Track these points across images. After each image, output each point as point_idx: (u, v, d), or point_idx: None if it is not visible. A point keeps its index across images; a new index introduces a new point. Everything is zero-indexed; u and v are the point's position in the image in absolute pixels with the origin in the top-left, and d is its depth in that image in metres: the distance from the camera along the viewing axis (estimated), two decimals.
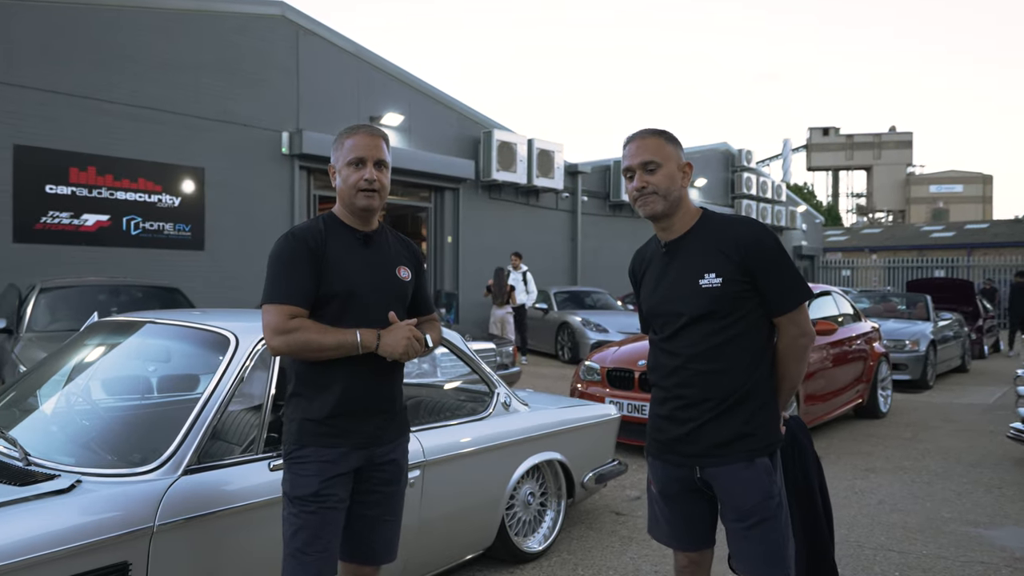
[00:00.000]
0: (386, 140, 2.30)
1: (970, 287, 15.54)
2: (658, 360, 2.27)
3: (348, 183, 2.21)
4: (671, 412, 2.22)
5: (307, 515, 2.15)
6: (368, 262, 2.25)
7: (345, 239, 2.24)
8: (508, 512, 3.81)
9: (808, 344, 2.21)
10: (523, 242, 15.16)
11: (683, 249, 2.21)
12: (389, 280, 2.29)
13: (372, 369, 2.22)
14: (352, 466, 2.21)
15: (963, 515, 4.84)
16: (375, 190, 2.22)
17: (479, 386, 4.05)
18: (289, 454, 2.21)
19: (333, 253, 2.19)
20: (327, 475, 2.16)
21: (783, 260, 2.15)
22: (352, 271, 2.20)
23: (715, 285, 2.11)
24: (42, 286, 6.87)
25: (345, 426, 2.19)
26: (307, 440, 2.18)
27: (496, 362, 7.70)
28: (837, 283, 27.90)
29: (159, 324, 3.21)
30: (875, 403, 8.10)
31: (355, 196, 2.21)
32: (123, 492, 2.30)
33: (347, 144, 2.23)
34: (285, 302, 2.13)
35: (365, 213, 2.25)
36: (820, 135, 68.04)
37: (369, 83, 13.15)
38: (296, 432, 2.20)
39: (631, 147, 2.22)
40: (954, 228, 34.39)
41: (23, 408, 3.09)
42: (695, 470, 2.19)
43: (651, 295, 2.27)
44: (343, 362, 2.17)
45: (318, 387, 2.20)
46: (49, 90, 9.58)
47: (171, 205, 10.74)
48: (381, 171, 2.24)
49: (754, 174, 23.29)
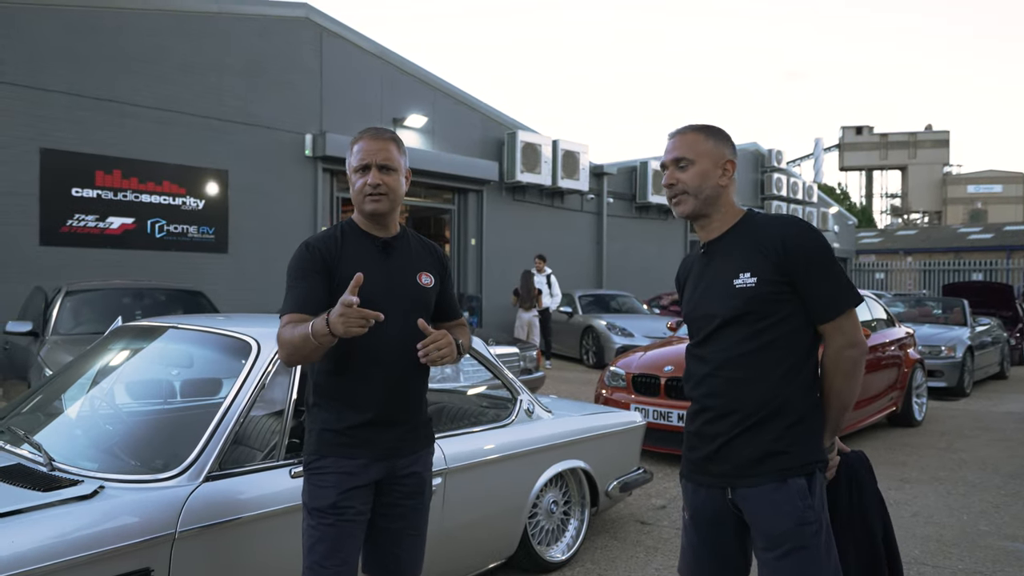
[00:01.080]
0: (396, 142, 2.24)
1: (1009, 291, 15.19)
2: (689, 368, 2.12)
3: (356, 188, 2.21)
4: (700, 427, 2.06)
5: (325, 527, 2.11)
6: (386, 269, 2.20)
7: (363, 246, 2.21)
8: (531, 521, 3.76)
9: (857, 357, 1.99)
10: (547, 245, 15.08)
11: (721, 249, 2.07)
12: (408, 287, 2.23)
13: (393, 377, 2.18)
14: (372, 478, 2.17)
15: (1000, 528, 4.68)
16: (382, 194, 2.18)
17: (502, 392, 3.99)
18: (308, 464, 2.18)
19: (349, 261, 2.15)
20: (345, 486, 2.12)
21: (827, 262, 1.97)
22: (371, 279, 2.10)
23: (749, 285, 1.96)
24: (67, 289, 6.93)
25: (365, 436, 2.15)
26: (326, 450, 2.15)
27: (519, 367, 7.63)
28: (871, 286, 27.49)
29: (182, 329, 3.20)
30: (909, 411, 7.91)
31: (363, 201, 2.20)
32: (145, 498, 2.32)
33: (354, 149, 2.22)
34: (291, 312, 2.10)
35: (375, 217, 2.22)
36: (853, 134, 67.13)
37: (393, 84, 13.16)
38: (315, 442, 2.17)
39: (669, 143, 2.11)
40: (992, 230, 33.68)
41: (48, 412, 3.12)
42: (726, 491, 2.00)
43: (689, 299, 2.14)
44: (363, 371, 2.14)
45: (337, 397, 2.17)
46: (74, 93, 9.69)
47: (195, 208, 10.81)
48: (387, 175, 2.19)
49: (784, 175, 23.00)
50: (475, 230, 14.78)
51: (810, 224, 2.06)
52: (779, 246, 1.96)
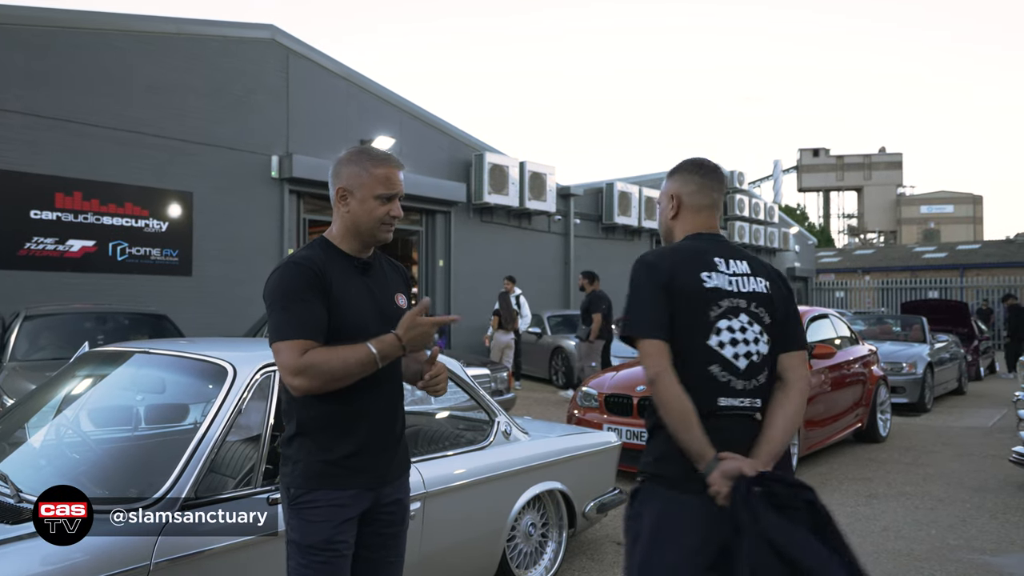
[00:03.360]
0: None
1: (965, 308, 15.57)
2: None
3: (373, 215, 2.11)
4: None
5: (318, 565, 2.00)
6: (369, 291, 2.15)
7: (343, 267, 2.12)
8: (509, 544, 3.73)
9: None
10: (515, 265, 15.10)
11: None
12: (389, 309, 2.17)
13: (382, 400, 2.12)
14: (361, 508, 2.09)
15: (969, 542, 4.77)
16: (394, 226, 2.19)
17: (479, 414, 3.96)
18: (296, 499, 2.04)
19: (337, 283, 2.06)
20: (339, 519, 2.02)
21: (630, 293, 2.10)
22: (359, 303, 2.09)
23: None
24: (26, 313, 6.74)
25: (357, 465, 2.07)
26: (316, 483, 2.03)
27: (491, 388, 7.60)
28: (831, 305, 27.96)
29: (153, 354, 3.13)
30: (875, 427, 8.04)
31: (378, 228, 2.14)
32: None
33: (376, 174, 2.11)
34: (299, 337, 1.95)
35: (377, 244, 2.20)
36: (810, 156, 68.71)
37: (360, 106, 13.13)
38: (303, 475, 2.04)
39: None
40: (946, 249, 34.63)
41: (13, 442, 3.01)
42: None
43: None
44: (352, 396, 2.03)
45: (326, 426, 2.06)
46: (32, 114, 9.48)
47: (158, 230, 10.61)
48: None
49: (747, 196, 23.39)
50: (443, 251, 14.75)
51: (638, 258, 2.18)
52: None
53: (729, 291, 2.08)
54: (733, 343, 2.04)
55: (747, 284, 2.11)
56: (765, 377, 2.08)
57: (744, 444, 1.99)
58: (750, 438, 2.01)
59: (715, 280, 2.07)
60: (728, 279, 2.09)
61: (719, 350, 2.03)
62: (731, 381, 2.02)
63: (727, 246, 2.20)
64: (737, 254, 2.17)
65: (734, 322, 2.05)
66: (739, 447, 1.98)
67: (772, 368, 2.10)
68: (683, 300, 2.04)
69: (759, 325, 2.08)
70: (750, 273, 2.13)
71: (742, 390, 2.03)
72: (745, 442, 2.00)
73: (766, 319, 2.10)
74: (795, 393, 2.07)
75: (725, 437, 1.97)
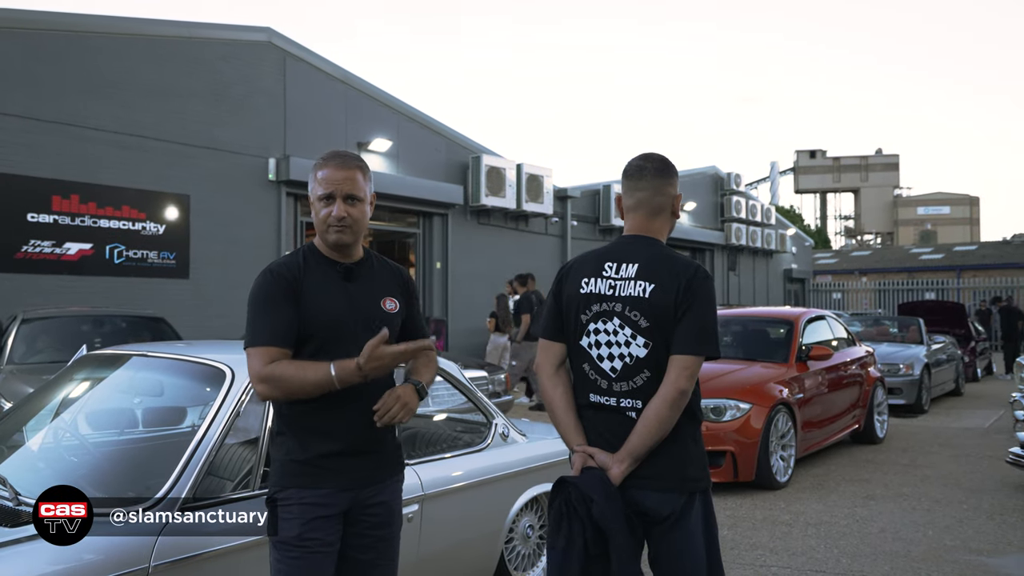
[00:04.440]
0: (362, 169, 2.18)
1: (962, 309, 15.59)
2: None
3: (318, 218, 2.13)
4: None
5: (291, 560, 2.04)
6: (349, 296, 2.15)
7: (324, 272, 2.15)
8: (507, 546, 3.73)
9: None
10: (513, 267, 15.07)
11: None
12: (373, 314, 2.17)
13: (362, 405, 2.09)
14: (338, 508, 2.10)
15: (966, 543, 4.78)
16: (345, 226, 2.12)
17: (476, 416, 3.97)
18: (271, 496, 2.11)
19: (312, 287, 2.10)
20: (309, 516, 2.05)
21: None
22: (331, 306, 2.11)
23: None
24: (23, 316, 6.74)
25: (330, 466, 2.09)
26: (288, 481, 2.08)
27: (489, 390, 7.61)
28: (828, 306, 28.00)
29: (151, 357, 3.13)
30: (872, 428, 8.06)
31: (325, 232, 2.13)
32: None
33: (318, 175, 2.13)
34: (267, 344, 2.04)
35: (339, 247, 2.16)
36: (807, 158, 68.84)
37: (356, 108, 13.13)
38: (278, 472, 2.11)
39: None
40: (943, 250, 34.73)
41: (11, 445, 3.01)
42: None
43: None
44: (331, 398, 2.05)
45: (301, 426, 2.10)
46: (31, 117, 9.47)
47: (155, 233, 10.61)
48: (353, 205, 2.13)
49: (743, 197, 23.40)
50: (440, 253, 14.75)
51: None
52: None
53: (605, 295, 2.19)
54: (599, 345, 2.19)
55: (626, 288, 2.18)
56: (645, 378, 2.14)
57: (618, 439, 2.14)
58: (623, 434, 2.13)
59: (592, 286, 2.22)
60: (610, 283, 2.20)
61: (588, 351, 2.21)
62: (598, 380, 2.19)
63: (630, 249, 2.26)
64: (632, 257, 2.22)
65: (607, 325, 2.18)
66: (612, 441, 2.15)
67: (661, 369, 2.14)
68: (566, 304, 2.26)
69: (631, 328, 2.15)
70: (634, 277, 2.18)
71: (611, 389, 2.17)
72: (619, 436, 2.14)
73: (642, 323, 2.14)
74: (658, 399, 2.10)
75: (599, 430, 2.19)
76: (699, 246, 21.87)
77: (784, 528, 5.08)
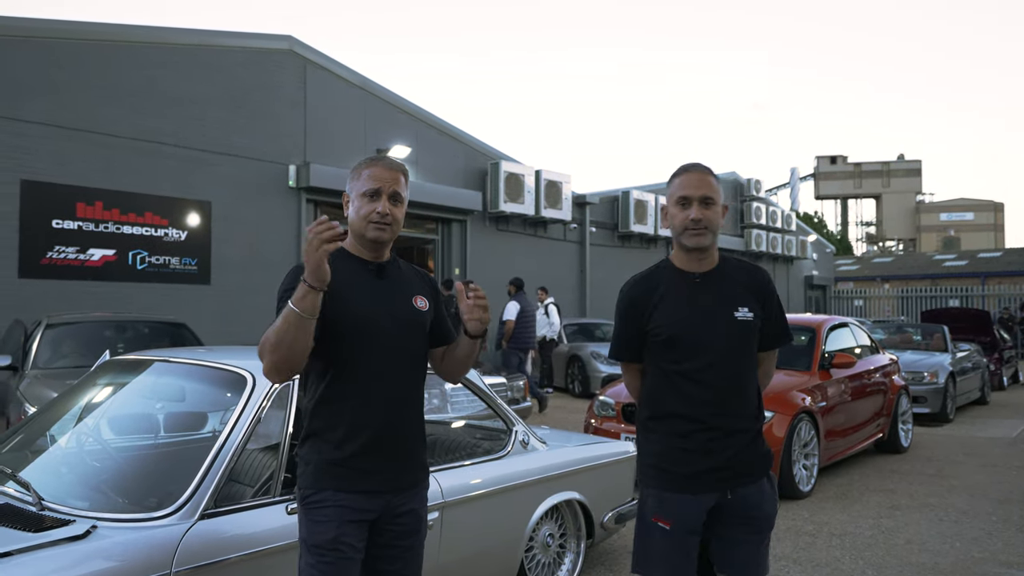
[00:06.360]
0: (405, 174, 2.23)
1: (987, 317, 15.34)
2: (681, 391, 2.33)
3: (360, 214, 2.14)
4: (705, 443, 2.31)
5: (324, 565, 2.02)
6: (381, 291, 2.17)
7: (355, 269, 2.16)
8: (527, 555, 3.70)
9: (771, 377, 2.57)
10: (531, 274, 15.08)
11: (716, 282, 2.39)
12: (405, 309, 2.19)
13: (394, 401, 2.13)
14: (370, 513, 2.10)
15: (995, 555, 4.68)
16: (387, 223, 2.14)
17: (495, 423, 3.94)
18: (306, 499, 2.08)
19: (342, 283, 2.06)
20: (344, 519, 2.04)
21: (781, 304, 2.48)
22: (365, 301, 2.12)
23: (748, 319, 2.34)
24: (48, 322, 6.80)
25: (365, 467, 2.08)
26: (324, 483, 2.06)
27: (508, 397, 7.58)
28: (850, 313, 27.70)
29: (173, 363, 3.14)
30: (896, 437, 7.94)
31: (366, 228, 2.14)
32: (139, 538, 2.26)
33: (364, 174, 2.16)
34: None
35: (375, 245, 2.17)
36: (828, 164, 68.22)
37: (376, 115, 13.20)
38: (312, 474, 2.08)
39: (691, 177, 2.39)
40: (967, 257, 34.21)
41: (35, 449, 3.04)
42: (727, 493, 2.34)
43: (678, 321, 2.34)
44: (362, 393, 2.08)
45: (335, 425, 2.09)
46: (56, 125, 9.61)
47: (177, 239, 10.71)
48: (396, 205, 2.16)
49: (764, 204, 23.25)
50: (459, 260, 14.77)
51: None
52: (759, 287, 2.41)
53: None
54: None
55: None
56: None
57: None
58: None
59: None
60: None
61: None
62: None
63: None
64: None
65: None
66: None
67: None
68: None
69: None
70: None
71: None
72: None
73: None
74: None
75: None
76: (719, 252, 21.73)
77: (808, 538, 5.00)
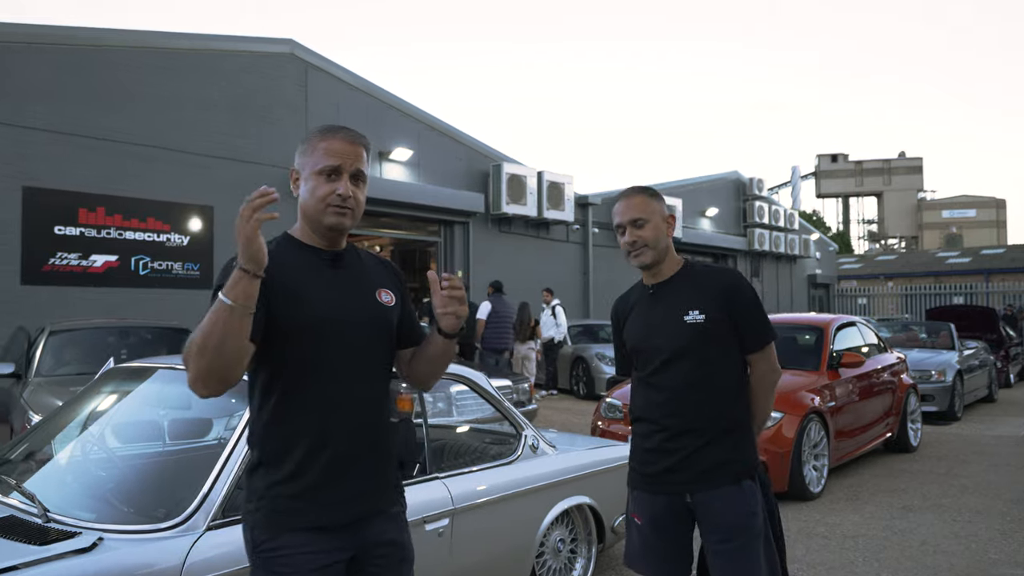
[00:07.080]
0: (367, 148, 1.89)
1: (993, 314, 15.27)
2: (644, 395, 2.46)
3: (316, 195, 1.80)
4: (660, 444, 2.38)
5: None
6: (338, 285, 1.83)
7: (307, 260, 1.83)
8: (538, 560, 3.65)
9: (776, 380, 2.47)
10: (534, 275, 15.05)
11: (668, 291, 2.46)
12: (368, 305, 1.86)
13: (357, 411, 1.80)
14: (343, 553, 1.77)
15: (1011, 556, 4.62)
16: (349, 208, 1.81)
17: (505, 427, 3.90)
18: (259, 548, 1.72)
19: (292, 277, 1.77)
20: (312, 568, 1.71)
21: (757, 304, 2.43)
22: (318, 296, 1.78)
23: (698, 321, 2.35)
24: (51, 329, 6.76)
25: (328, 498, 1.74)
26: (282, 524, 1.71)
27: (513, 399, 7.53)
28: (853, 312, 27.64)
29: (177, 370, 3.09)
30: (905, 436, 7.88)
31: (323, 212, 1.81)
32: (146, 550, 2.22)
33: (320, 147, 1.81)
34: None
35: (333, 232, 1.84)
36: (829, 162, 68.23)
37: (378, 118, 13.16)
38: (265, 517, 1.72)
39: (619, 206, 2.47)
40: (970, 254, 34.16)
41: (40, 459, 2.99)
42: (684, 497, 2.36)
43: (636, 333, 2.49)
44: (319, 409, 1.75)
45: (290, 447, 1.73)
46: (57, 131, 9.58)
47: (180, 244, 10.68)
48: (358, 185, 1.84)
49: (766, 202, 23.20)
50: (461, 262, 14.73)
51: (741, 273, 2.57)
52: (721, 289, 2.39)
53: None
54: None
55: None
56: None
57: None
58: None
59: None
60: None
61: None
62: None
63: None
64: None
65: None
66: None
67: None
68: None
69: None
70: None
71: None
72: None
73: None
74: None
75: None
76: (722, 252, 21.69)
77: (820, 541, 4.95)
